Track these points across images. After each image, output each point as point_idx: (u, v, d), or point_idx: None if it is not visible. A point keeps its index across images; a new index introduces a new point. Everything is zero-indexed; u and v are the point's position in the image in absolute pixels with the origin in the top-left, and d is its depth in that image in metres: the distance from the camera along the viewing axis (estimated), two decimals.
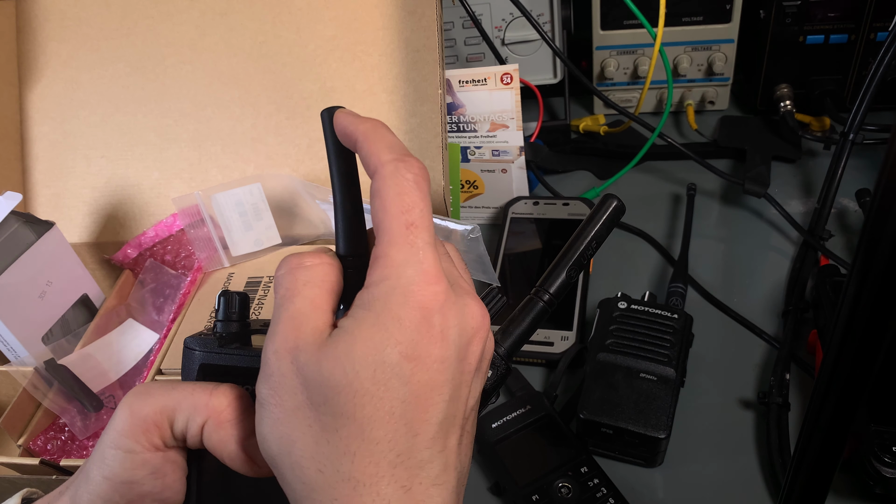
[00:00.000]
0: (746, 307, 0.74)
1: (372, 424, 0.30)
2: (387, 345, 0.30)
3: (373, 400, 0.30)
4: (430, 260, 0.31)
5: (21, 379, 0.64)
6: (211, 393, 0.33)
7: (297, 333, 0.31)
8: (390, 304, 0.31)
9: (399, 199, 0.32)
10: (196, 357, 0.36)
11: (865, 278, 0.34)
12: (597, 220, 0.39)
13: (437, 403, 0.31)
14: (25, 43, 0.77)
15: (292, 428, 0.31)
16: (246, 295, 0.36)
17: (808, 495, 0.42)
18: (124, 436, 0.33)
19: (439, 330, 0.31)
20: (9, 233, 0.64)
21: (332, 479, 0.30)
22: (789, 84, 0.90)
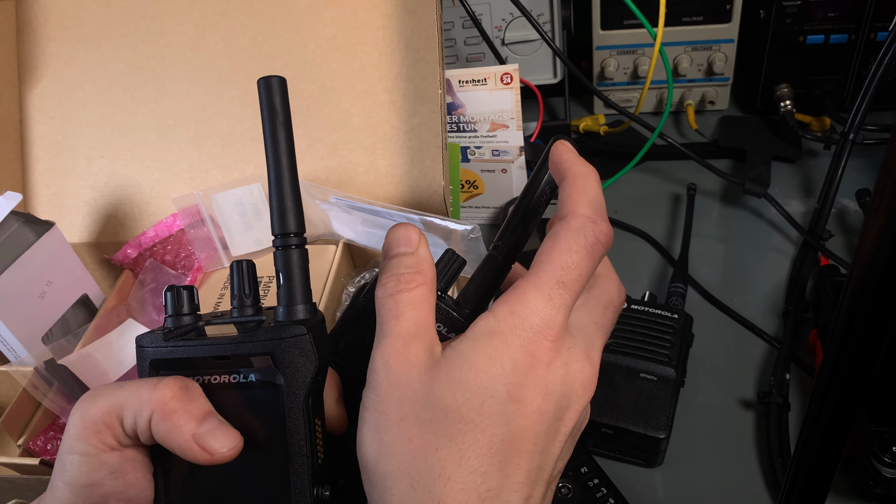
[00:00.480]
0: (746, 307, 0.74)
1: (471, 453, 0.31)
2: (499, 381, 0.31)
3: (476, 429, 0.31)
4: (559, 320, 0.32)
5: (21, 379, 0.64)
6: (154, 386, 0.33)
7: (408, 351, 0.32)
8: (510, 342, 0.31)
9: (567, 254, 0.32)
10: (146, 354, 0.36)
11: (865, 278, 0.34)
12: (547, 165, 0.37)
13: (530, 451, 0.32)
14: (25, 43, 0.77)
15: (393, 438, 0.31)
16: (192, 288, 0.36)
17: (809, 495, 0.42)
18: (77, 440, 0.34)
19: (544, 383, 0.32)
20: (9, 233, 0.63)
21: (423, 497, 0.31)
22: (789, 84, 0.90)
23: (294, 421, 0.34)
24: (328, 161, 0.72)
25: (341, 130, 0.71)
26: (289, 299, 0.34)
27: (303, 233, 0.35)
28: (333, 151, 0.71)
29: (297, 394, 0.34)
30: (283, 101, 0.35)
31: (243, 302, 0.36)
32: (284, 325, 0.34)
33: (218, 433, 0.33)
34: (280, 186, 0.34)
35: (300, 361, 0.34)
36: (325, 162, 0.72)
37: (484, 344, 0.32)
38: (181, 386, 0.34)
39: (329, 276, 0.68)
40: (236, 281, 0.36)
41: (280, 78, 0.34)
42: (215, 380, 0.35)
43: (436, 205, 0.70)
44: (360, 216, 0.68)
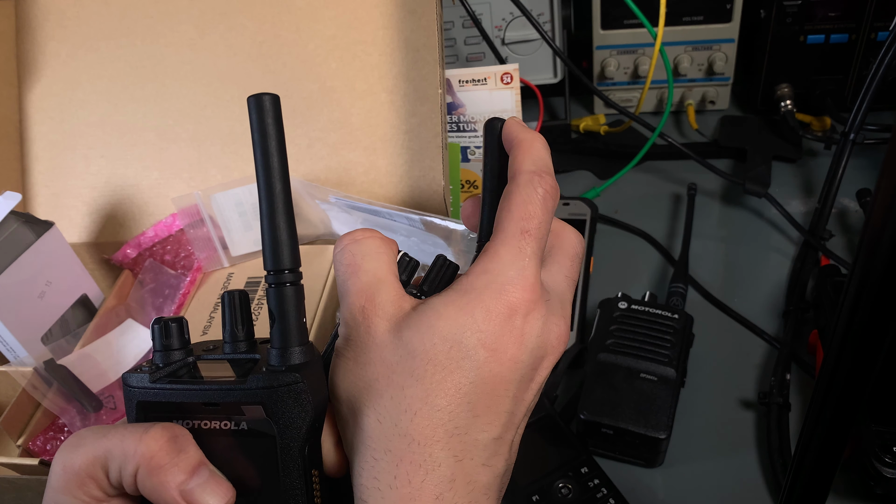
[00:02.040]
0: (747, 307, 0.74)
1: (437, 392, 0.32)
2: (468, 329, 0.32)
3: (443, 371, 0.32)
4: (532, 269, 0.33)
5: (20, 379, 0.63)
6: (140, 438, 0.31)
7: (373, 303, 0.33)
8: (483, 296, 0.32)
9: (523, 206, 0.34)
10: (133, 394, 0.33)
11: (866, 278, 0.34)
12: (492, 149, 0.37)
13: (501, 396, 0.33)
14: (25, 43, 0.77)
15: (360, 378, 0.33)
16: (181, 320, 0.34)
17: (809, 496, 0.42)
18: (61, 492, 0.32)
19: (520, 332, 0.33)
20: (8, 233, 0.63)
21: (388, 431, 0.32)
22: (790, 84, 0.90)
23: (288, 475, 0.32)
24: (328, 161, 0.71)
25: (341, 130, 0.71)
26: (283, 342, 0.32)
27: (297, 268, 0.32)
28: (333, 151, 0.71)
29: (292, 446, 0.32)
30: (276, 121, 0.32)
31: (236, 336, 0.34)
32: (277, 373, 0.32)
33: (208, 488, 0.32)
34: (273, 218, 0.31)
35: (295, 412, 0.32)
36: (324, 162, 0.71)
37: (456, 298, 0.33)
38: (169, 437, 0.32)
39: (328, 278, 0.68)
40: (228, 314, 0.34)
41: (273, 96, 0.32)
42: (206, 425, 0.33)
43: (436, 205, 0.70)
44: (360, 216, 0.68)
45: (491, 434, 0.33)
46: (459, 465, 0.32)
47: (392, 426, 0.32)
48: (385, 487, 0.31)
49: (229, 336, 0.34)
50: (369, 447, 0.32)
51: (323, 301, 0.66)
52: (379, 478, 0.31)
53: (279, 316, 0.32)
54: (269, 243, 0.32)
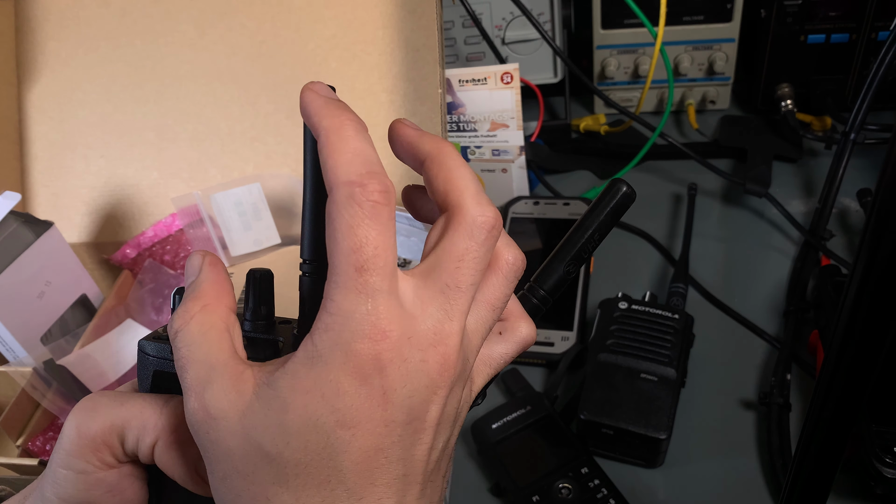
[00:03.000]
0: (747, 307, 0.74)
1: (307, 492, 0.28)
2: (321, 413, 0.27)
3: (306, 469, 0.28)
4: (381, 310, 0.27)
5: (20, 379, 0.63)
6: (161, 410, 0.31)
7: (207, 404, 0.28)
8: (330, 366, 0.27)
9: (350, 233, 0.27)
10: (149, 363, 0.33)
11: (867, 278, 0.34)
12: (601, 209, 0.34)
13: (381, 466, 0.28)
14: (24, 42, 0.77)
15: (223, 495, 0.29)
16: None
17: (810, 496, 0.42)
18: (73, 456, 0.32)
19: (380, 392, 0.28)
20: (7, 233, 0.63)
21: None
22: (790, 83, 0.90)
23: None
24: None
25: None
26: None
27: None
28: None
29: None
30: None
31: (257, 315, 0.34)
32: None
33: None
34: (316, 212, 0.31)
35: None
36: None
37: (303, 376, 0.28)
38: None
39: None
40: (252, 293, 0.34)
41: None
42: None
43: None
44: None
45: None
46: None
47: None
48: None
49: (251, 314, 0.33)
50: None
51: None
52: None
53: (311, 305, 0.31)
54: (310, 233, 0.31)
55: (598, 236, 0.34)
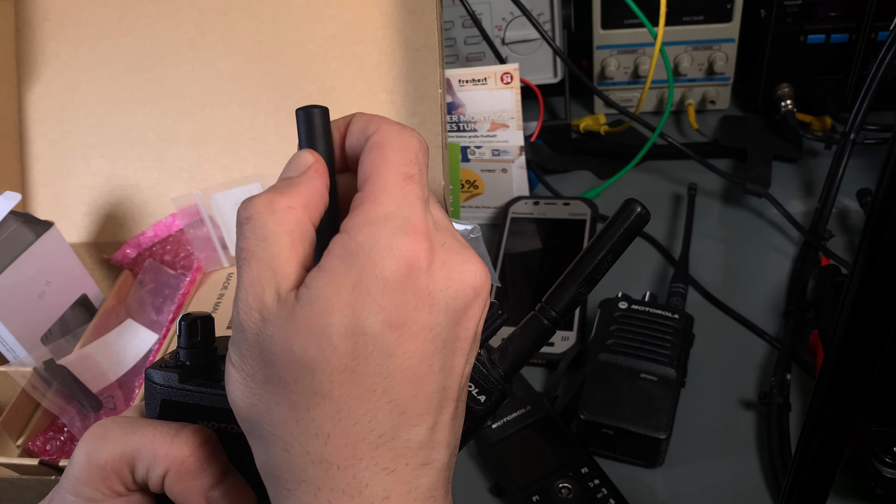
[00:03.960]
0: (747, 307, 0.74)
1: (350, 403, 0.27)
2: (369, 312, 0.27)
3: (352, 376, 0.27)
4: (420, 215, 0.28)
5: (20, 379, 0.63)
6: (172, 441, 0.31)
7: (262, 303, 0.27)
8: (374, 258, 0.27)
9: (403, 153, 0.29)
10: (157, 392, 0.33)
11: (867, 278, 0.34)
12: (615, 230, 0.33)
13: (425, 376, 0.28)
14: (24, 42, 0.77)
15: (260, 400, 0.28)
16: (209, 317, 0.34)
17: (810, 496, 0.42)
18: (83, 483, 0.31)
19: (426, 293, 0.27)
20: (8, 233, 0.63)
21: (299, 460, 0.27)
22: (790, 83, 0.90)
23: None
24: None
25: None
26: None
27: None
28: None
29: None
30: (325, 132, 0.31)
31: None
32: None
33: (232, 496, 0.31)
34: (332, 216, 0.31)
35: None
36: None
37: (344, 272, 0.27)
38: (199, 442, 0.31)
39: None
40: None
41: (322, 108, 0.31)
42: (233, 429, 0.32)
43: None
44: None
45: (423, 427, 0.28)
46: (392, 478, 0.28)
47: (303, 454, 0.27)
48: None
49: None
50: (279, 478, 0.28)
51: None
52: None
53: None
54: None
55: (611, 258, 0.34)
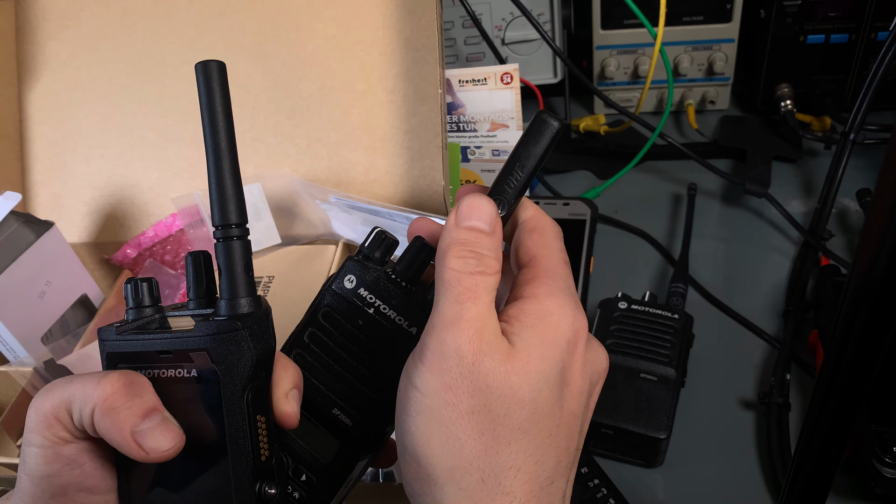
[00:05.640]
0: (747, 307, 0.74)
1: (537, 443, 0.31)
2: (556, 366, 0.31)
3: (542, 419, 0.31)
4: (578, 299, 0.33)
5: (20, 379, 0.63)
6: (98, 381, 0.33)
7: (482, 338, 0.31)
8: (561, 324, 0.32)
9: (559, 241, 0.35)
10: (104, 347, 0.36)
11: (866, 278, 0.34)
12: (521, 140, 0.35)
13: (574, 434, 0.32)
14: (25, 42, 0.77)
15: (463, 431, 0.30)
16: (151, 280, 0.36)
17: (809, 496, 0.42)
18: (33, 433, 0.34)
19: (582, 360, 0.32)
20: (8, 233, 0.63)
21: (493, 490, 0.30)
22: (790, 84, 0.90)
23: (232, 417, 0.33)
24: (328, 161, 0.71)
25: (341, 130, 0.71)
26: (231, 293, 0.33)
27: (244, 223, 0.34)
28: (333, 151, 0.71)
29: (234, 389, 0.33)
30: (221, 86, 0.35)
31: (199, 294, 0.35)
32: (221, 321, 0.33)
33: (157, 431, 0.33)
34: (220, 175, 0.34)
35: (235, 357, 0.33)
36: (325, 162, 0.71)
37: (543, 329, 0.31)
38: (125, 381, 0.33)
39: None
40: (192, 273, 0.35)
41: (219, 62, 0.34)
42: (163, 374, 0.34)
43: (436, 205, 0.70)
44: (360, 216, 0.68)
45: (567, 477, 0.32)
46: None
47: (496, 485, 0.30)
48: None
49: (193, 294, 0.35)
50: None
51: None
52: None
53: (226, 268, 0.33)
54: (216, 199, 0.33)
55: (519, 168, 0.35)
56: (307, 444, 0.37)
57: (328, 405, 0.37)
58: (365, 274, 0.37)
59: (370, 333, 0.37)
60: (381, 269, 0.37)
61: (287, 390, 0.35)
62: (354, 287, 0.37)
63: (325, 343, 0.37)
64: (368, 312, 0.37)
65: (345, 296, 0.37)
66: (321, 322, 0.37)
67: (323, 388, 0.37)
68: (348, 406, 0.38)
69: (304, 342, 0.38)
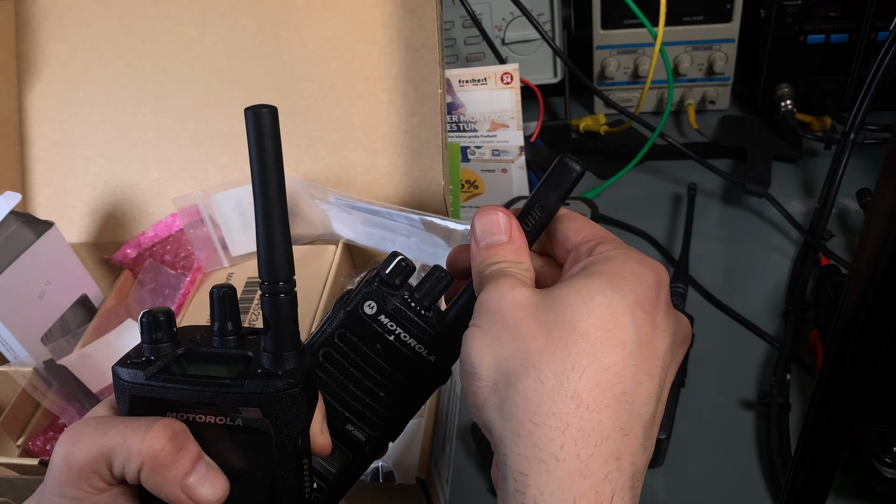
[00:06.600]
0: (747, 307, 0.74)
1: (604, 348, 0.29)
2: (623, 288, 0.30)
3: (606, 325, 0.30)
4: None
5: (20, 379, 0.63)
6: (144, 436, 0.32)
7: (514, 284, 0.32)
8: (630, 260, 0.32)
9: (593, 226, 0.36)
10: (126, 388, 0.34)
11: (866, 278, 0.34)
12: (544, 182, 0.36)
13: (657, 363, 0.31)
14: (25, 43, 0.77)
15: (514, 338, 0.30)
16: (169, 312, 0.35)
17: (809, 496, 0.42)
18: (64, 485, 0.33)
19: (665, 304, 0.32)
20: (8, 233, 0.63)
21: (553, 390, 0.29)
22: (790, 84, 0.90)
23: (283, 468, 0.34)
24: (328, 161, 0.71)
25: (341, 130, 0.71)
26: (277, 347, 0.33)
27: (292, 277, 0.33)
28: (333, 151, 0.71)
29: (287, 443, 0.33)
30: (273, 133, 0.33)
31: (224, 331, 0.35)
32: (274, 379, 0.33)
33: (206, 482, 0.33)
34: (269, 231, 0.32)
35: (291, 413, 0.33)
36: (325, 162, 0.71)
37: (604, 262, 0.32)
38: (171, 435, 0.33)
39: (329, 277, 0.68)
40: (217, 310, 0.35)
41: (271, 109, 0.33)
42: (201, 419, 0.34)
43: (436, 205, 0.70)
44: (360, 216, 0.68)
45: (650, 408, 0.30)
46: (625, 441, 0.29)
47: (557, 385, 0.29)
48: (549, 458, 0.28)
49: (218, 331, 0.35)
50: (528, 411, 0.29)
51: (323, 301, 0.66)
52: (541, 446, 0.29)
53: (274, 324, 0.33)
54: (264, 255, 0.33)
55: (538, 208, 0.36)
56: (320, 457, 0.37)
57: (342, 421, 0.38)
58: (385, 302, 0.37)
59: (388, 359, 0.37)
60: (400, 296, 0.37)
61: (321, 424, 0.35)
62: (375, 314, 0.37)
63: (341, 363, 0.37)
64: (388, 339, 0.37)
65: (364, 321, 0.37)
66: (337, 343, 0.37)
67: (336, 405, 0.38)
68: (361, 423, 0.38)
69: (320, 361, 0.38)
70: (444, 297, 0.38)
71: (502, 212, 0.35)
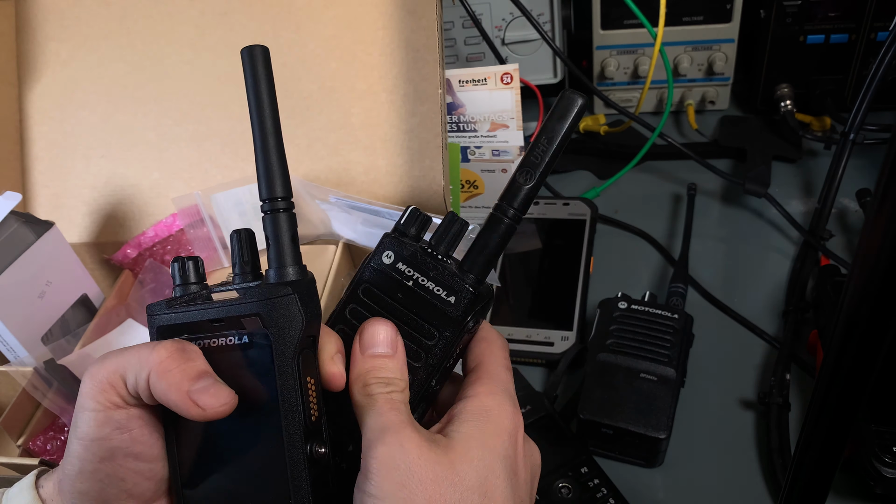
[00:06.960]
0: (747, 307, 0.74)
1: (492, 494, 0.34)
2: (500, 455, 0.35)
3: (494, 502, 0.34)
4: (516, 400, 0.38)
5: (21, 379, 0.63)
6: (153, 348, 0.35)
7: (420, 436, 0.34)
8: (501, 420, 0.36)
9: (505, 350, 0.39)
10: (154, 321, 0.38)
11: (866, 278, 0.34)
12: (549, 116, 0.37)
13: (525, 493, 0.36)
14: (25, 43, 0.77)
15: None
16: (197, 259, 0.38)
17: (809, 495, 0.42)
18: (87, 398, 0.36)
19: (523, 455, 0.37)
20: (8, 233, 0.63)
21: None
22: (790, 84, 0.90)
23: (284, 378, 0.35)
24: (328, 161, 0.71)
25: (341, 130, 0.71)
26: (278, 262, 0.36)
27: (290, 197, 0.36)
28: (333, 151, 0.71)
29: (286, 351, 0.35)
30: (266, 68, 0.38)
31: (244, 269, 0.37)
32: (271, 286, 0.35)
33: (212, 390, 0.35)
34: (266, 151, 0.36)
35: (286, 320, 0.35)
36: (325, 162, 0.71)
37: (484, 422, 0.35)
38: (178, 348, 0.35)
39: (329, 276, 0.68)
40: (236, 248, 0.37)
41: (263, 47, 0.37)
42: (214, 343, 0.36)
43: (436, 205, 0.70)
44: (360, 216, 0.68)
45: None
46: None
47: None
48: None
49: (238, 269, 0.37)
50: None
51: (323, 300, 0.66)
52: None
53: (274, 239, 0.36)
54: (263, 174, 0.36)
55: (545, 142, 0.37)
56: (350, 418, 0.38)
57: None
58: (402, 249, 0.38)
59: (410, 305, 0.38)
60: (417, 245, 0.38)
61: (332, 354, 0.37)
62: (393, 262, 0.38)
63: (366, 318, 0.38)
64: (407, 285, 0.38)
65: (383, 271, 0.38)
66: (361, 298, 0.39)
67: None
68: None
69: (346, 318, 0.39)
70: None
71: (391, 326, 0.37)
